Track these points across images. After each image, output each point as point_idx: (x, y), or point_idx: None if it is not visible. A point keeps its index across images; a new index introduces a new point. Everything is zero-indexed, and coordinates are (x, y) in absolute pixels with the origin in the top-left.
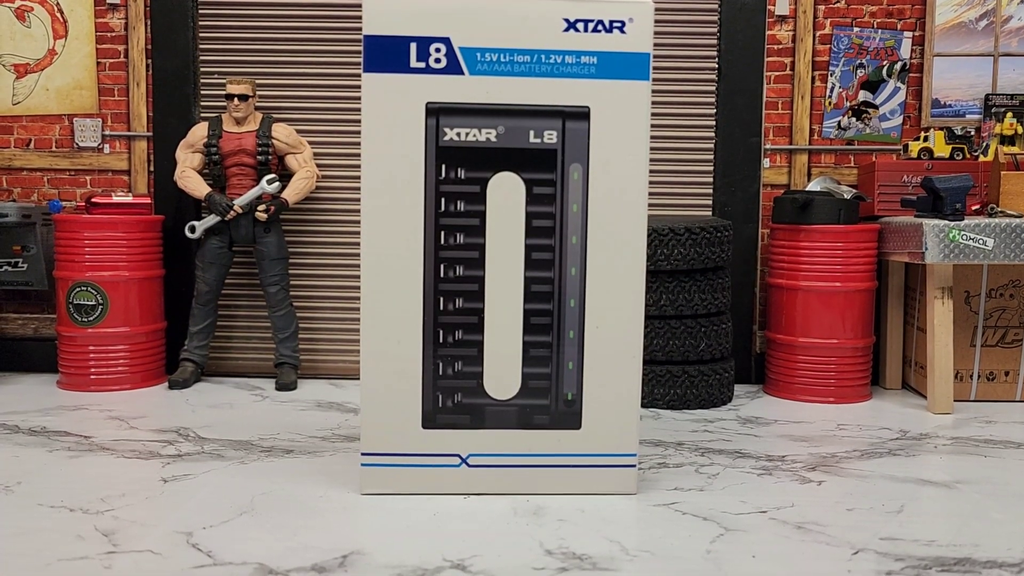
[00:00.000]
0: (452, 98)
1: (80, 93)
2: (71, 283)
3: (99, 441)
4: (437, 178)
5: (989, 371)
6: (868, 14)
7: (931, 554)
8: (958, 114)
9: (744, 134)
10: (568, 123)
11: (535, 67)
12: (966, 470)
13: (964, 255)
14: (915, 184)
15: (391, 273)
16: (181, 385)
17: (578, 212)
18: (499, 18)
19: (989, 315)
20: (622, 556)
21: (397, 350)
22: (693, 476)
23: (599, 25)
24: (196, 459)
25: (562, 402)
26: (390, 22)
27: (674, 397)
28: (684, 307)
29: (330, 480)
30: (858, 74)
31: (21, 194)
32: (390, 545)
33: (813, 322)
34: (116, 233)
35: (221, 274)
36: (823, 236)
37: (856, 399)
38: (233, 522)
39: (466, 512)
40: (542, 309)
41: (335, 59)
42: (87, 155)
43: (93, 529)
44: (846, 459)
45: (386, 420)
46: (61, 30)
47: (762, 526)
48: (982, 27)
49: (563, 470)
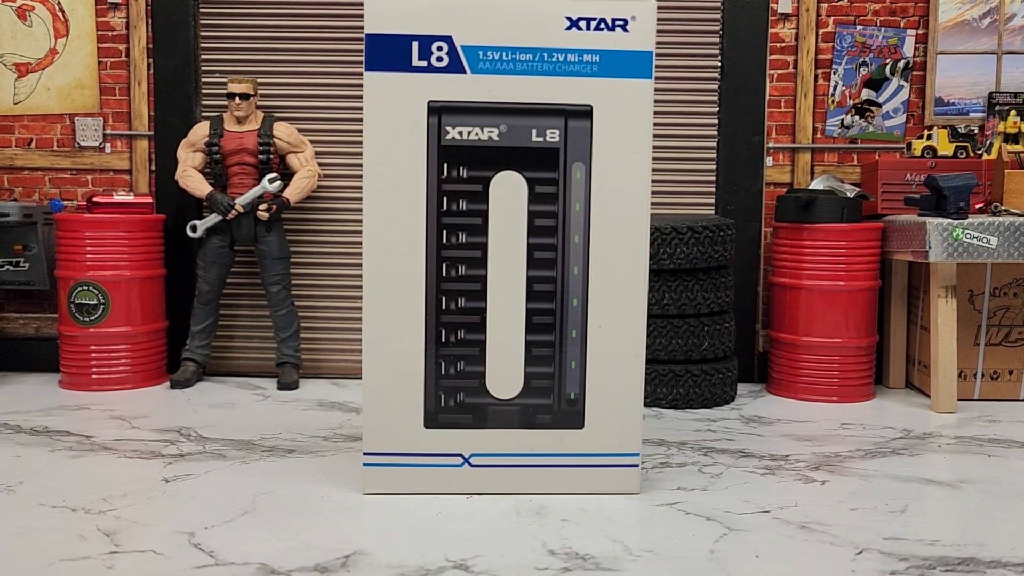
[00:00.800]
0: (454, 97)
1: (81, 92)
2: (73, 283)
3: (101, 441)
4: (439, 177)
5: (993, 370)
6: (871, 12)
7: (935, 554)
8: (961, 112)
9: (747, 132)
10: (570, 122)
11: (537, 66)
12: (970, 469)
13: (968, 254)
14: (918, 183)
15: (393, 272)
16: (183, 385)
17: (580, 211)
18: (501, 16)
19: (993, 314)
20: (625, 556)
21: (399, 349)
22: (696, 476)
23: (601, 23)
24: (198, 459)
25: (565, 401)
26: (392, 21)
27: (677, 396)
28: (687, 306)
29: (332, 480)
30: (861, 72)
31: (23, 193)
32: (392, 545)
33: (816, 321)
34: (117, 232)
35: (223, 273)
36: (826, 235)
37: (859, 398)
38: (235, 522)
39: (469, 512)
40: (544, 308)
41: (337, 58)
42: (88, 154)
43: (95, 529)
44: (849, 458)
45: (388, 420)
46: (62, 29)
47: (765, 526)
48: (985, 25)
49: (566, 470)
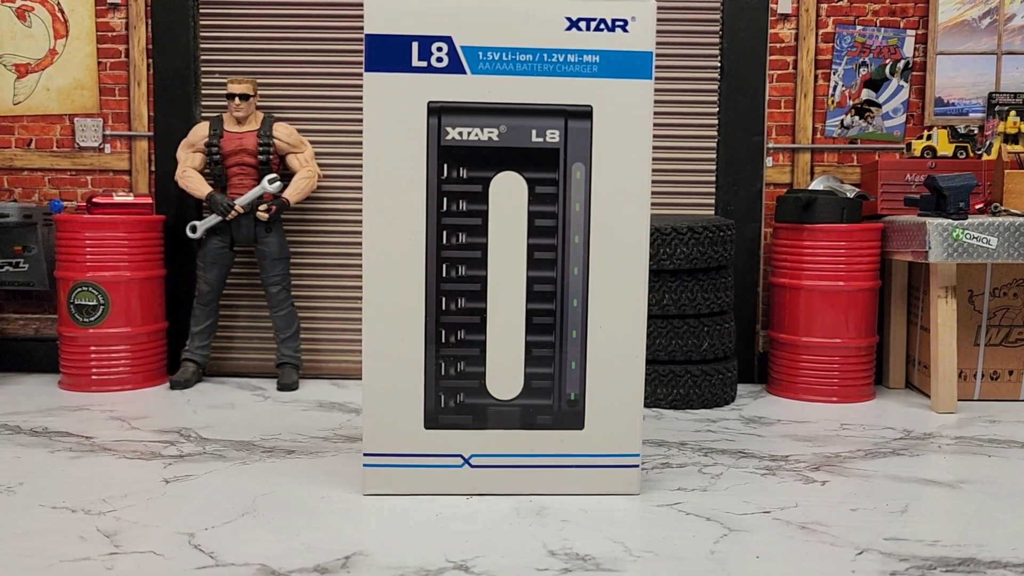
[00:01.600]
0: (454, 97)
1: (81, 93)
2: (72, 283)
3: (101, 442)
4: (439, 177)
5: (993, 370)
6: (871, 12)
7: (935, 554)
8: (961, 112)
9: (747, 133)
10: (570, 122)
11: (537, 66)
12: (970, 470)
13: (968, 254)
14: (918, 183)
15: (393, 273)
16: (182, 385)
17: (580, 211)
18: (501, 17)
19: (993, 314)
20: (625, 557)
21: (399, 350)
22: (696, 476)
23: (601, 24)
24: (198, 460)
25: (565, 402)
26: (392, 21)
27: (677, 397)
28: (687, 306)
29: (332, 481)
30: (861, 72)
31: (22, 194)
32: (392, 546)
33: (816, 321)
34: (117, 233)
35: (222, 274)
36: (826, 235)
37: (859, 398)
38: (235, 523)
39: (469, 513)
40: (544, 309)
41: (336, 58)
42: (88, 155)
43: (95, 530)
44: (850, 459)
45: (388, 420)
46: (62, 30)
47: (766, 526)
48: (985, 25)
49: (566, 470)
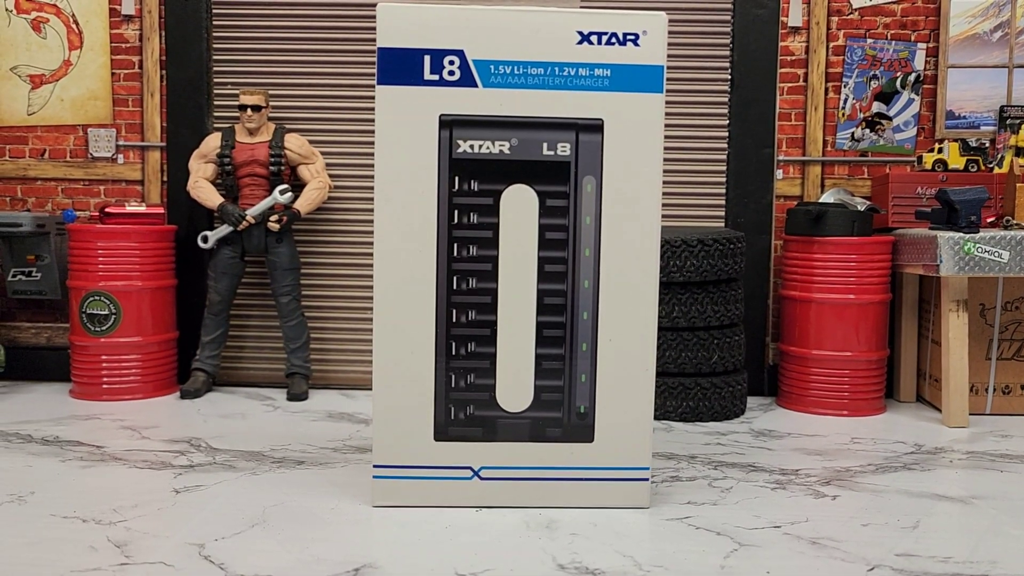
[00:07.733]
0: (466, 110)
1: (94, 103)
2: (84, 292)
3: (111, 451)
4: (450, 190)
5: (1005, 384)
6: (882, 25)
7: (948, 571)
8: (972, 126)
9: (757, 145)
10: (582, 136)
11: (549, 80)
12: (982, 485)
13: (979, 268)
14: (929, 196)
15: (404, 285)
16: (193, 395)
17: (591, 224)
18: (513, 31)
19: (1004, 328)
20: (635, 571)
21: (409, 362)
22: (706, 490)
23: (613, 38)
24: (208, 470)
25: (575, 415)
26: (404, 35)
27: (687, 409)
28: (697, 319)
29: (342, 492)
30: (872, 85)
31: (35, 204)
32: (402, 558)
33: (827, 334)
34: (129, 243)
35: (233, 284)
36: (837, 248)
37: (870, 412)
38: (245, 534)
39: (478, 525)
40: (555, 322)
41: (348, 70)
42: (101, 165)
43: (106, 540)
44: (861, 473)
45: (398, 432)
46: (76, 41)
47: (776, 541)
48: (996, 39)
49: (575, 483)
